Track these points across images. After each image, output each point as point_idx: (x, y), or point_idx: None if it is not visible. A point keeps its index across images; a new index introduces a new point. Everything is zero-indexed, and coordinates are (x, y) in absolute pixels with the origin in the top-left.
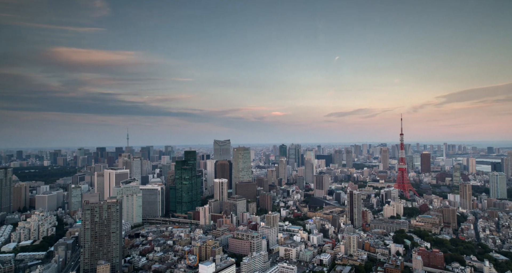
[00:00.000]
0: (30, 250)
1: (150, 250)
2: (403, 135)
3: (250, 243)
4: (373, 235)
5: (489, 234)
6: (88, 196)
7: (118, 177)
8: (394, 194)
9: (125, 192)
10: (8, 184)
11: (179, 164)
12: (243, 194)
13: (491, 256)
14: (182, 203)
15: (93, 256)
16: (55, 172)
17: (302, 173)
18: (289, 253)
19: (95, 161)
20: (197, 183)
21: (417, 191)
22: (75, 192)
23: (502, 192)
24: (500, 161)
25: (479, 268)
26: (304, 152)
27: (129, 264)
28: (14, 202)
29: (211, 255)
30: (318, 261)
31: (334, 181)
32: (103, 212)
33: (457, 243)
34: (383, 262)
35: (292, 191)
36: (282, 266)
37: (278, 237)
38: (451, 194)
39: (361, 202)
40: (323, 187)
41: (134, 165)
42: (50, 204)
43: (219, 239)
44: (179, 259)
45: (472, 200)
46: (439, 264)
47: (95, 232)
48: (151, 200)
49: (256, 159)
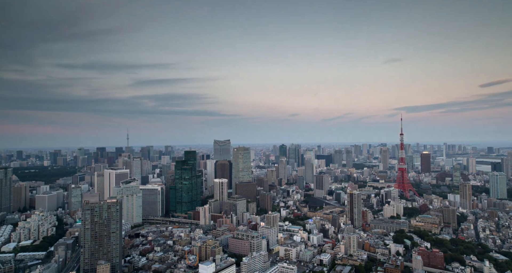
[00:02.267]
0: (30, 250)
1: (150, 250)
2: (403, 135)
3: (250, 243)
4: (373, 235)
5: (489, 234)
6: (88, 196)
7: (118, 177)
8: (394, 194)
9: (125, 192)
10: (8, 184)
11: (179, 164)
12: (243, 194)
13: (491, 256)
14: (182, 203)
15: (93, 256)
16: (55, 172)
17: (302, 173)
18: (289, 253)
19: (95, 161)
20: (197, 183)
21: (417, 191)
22: (75, 192)
23: (502, 192)
24: (500, 161)
25: (479, 268)
26: (304, 152)
27: (129, 264)
28: (14, 202)
29: (211, 255)
30: (318, 261)
31: (334, 181)
32: (103, 212)
33: (457, 243)
34: (383, 262)
35: (292, 191)
36: (282, 266)
37: (278, 237)
38: (451, 194)
39: (361, 202)
40: (323, 187)
41: (134, 165)
42: (50, 204)
43: (219, 239)
44: (179, 259)
45: (472, 200)
46: (439, 264)
47: (95, 232)
48: (151, 200)
49: (256, 159)
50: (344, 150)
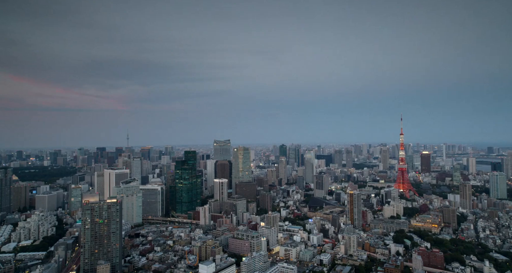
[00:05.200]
0: (30, 250)
1: (150, 250)
2: (403, 135)
3: (250, 243)
4: (373, 235)
5: (489, 234)
6: (88, 196)
7: (118, 177)
8: (394, 194)
9: (125, 192)
10: (8, 184)
11: (179, 164)
12: (243, 194)
13: (491, 256)
14: (182, 203)
15: (93, 256)
16: (55, 172)
17: (302, 173)
18: (289, 253)
19: (95, 161)
20: (197, 183)
21: (417, 191)
22: (75, 192)
23: (502, 192)
24: (500, 161)
25: (479, 268)
26: (304, 152)
27: (129, 264)
28: (14, 202)
29: (211, 255)
30: (318, 261)
31: (334, 181)
32: (103, 212)
33: (457, 243)
34: (383, 262)
35: (292, 191)
36: (282, 266)
37: (278, 237)
38: (451, 194)
39: (361, 202)
40: (323, 187)
41: (134, 165)
42: (50, 204)
43: (219, 239)
44: (179, 259)
45: (472, 200)
46: (439, 264)
47: (95, 232)
48: (151, 200)
49: (256, 159)
50: (344, 150)
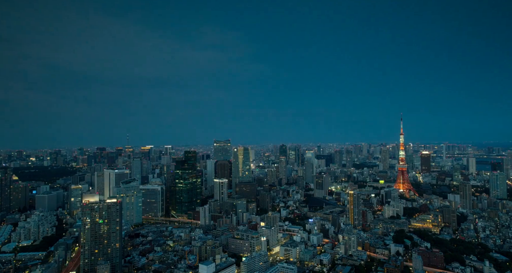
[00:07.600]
0: (30, 250)
1: (150, 250)
2: (403, 135)
3: (250, 243)
4: (373, 235)
5: (489, 234)
6: (88, 196)
7: (118, 177)
8: (394, 194)
9: (125, 192)
10: (8, 184)
11: (179, 164)
12: (243, 194)
13: (491, 256)
14: (182, 203)
15: (93, 256)
16: (55, 172)
17: (302, 173)
18: (289, 253)
19: (95, 161)
20: (197, 183)
21: (417, 191)
22: (75, 192)
23: (502, 192)
24: (500, 161)
25: (479, 268)
26: (304, 151)
27: (129, 264)
28: (14, 202)
29: (211, 255)
30: (318, 261)
31: (334, 181)
32: (103, 212)
33: (457, 243)
34: (383, 262)
35: (292, 191)
36: (282, 266)
37: (278, 237)
38: (451, 194)
39: (361, 202)
40: (323, 187)
41: (134, 165)
42: (50, 204)
43: (219, 239)
44: (179, 259)
45: (472, 200)
46: (439, 264)
47: (95, 232)
48: (151, 200)
49: (256, 159)
50: (344, 150)
